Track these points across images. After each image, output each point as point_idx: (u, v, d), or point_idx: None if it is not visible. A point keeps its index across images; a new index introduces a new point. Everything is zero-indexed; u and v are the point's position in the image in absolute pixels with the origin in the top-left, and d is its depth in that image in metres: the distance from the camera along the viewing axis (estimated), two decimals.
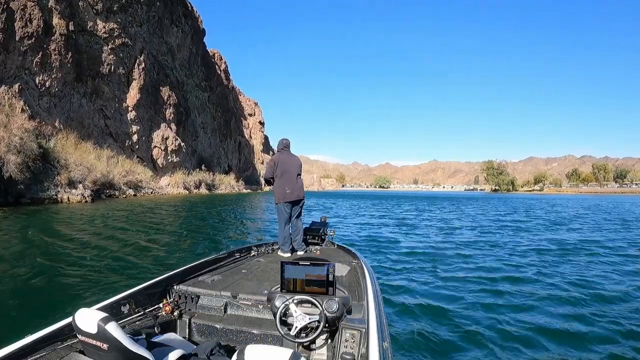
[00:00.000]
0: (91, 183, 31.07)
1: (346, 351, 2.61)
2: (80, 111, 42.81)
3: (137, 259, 9.36)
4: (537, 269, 9.30)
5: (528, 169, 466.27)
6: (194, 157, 69.86)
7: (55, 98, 38.44)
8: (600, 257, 11.09)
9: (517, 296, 6.99)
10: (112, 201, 32.23)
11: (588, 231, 18.05)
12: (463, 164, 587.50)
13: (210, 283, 3.85)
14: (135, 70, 52.22)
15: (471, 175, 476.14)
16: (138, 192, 43.79)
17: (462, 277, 8.35)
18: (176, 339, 3.00)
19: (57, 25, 38.31)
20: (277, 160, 5.89)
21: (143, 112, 53.52)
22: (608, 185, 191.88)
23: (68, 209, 22.99)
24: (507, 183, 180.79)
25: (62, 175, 27.91)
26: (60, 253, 9.88)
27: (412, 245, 12.86)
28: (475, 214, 28.79)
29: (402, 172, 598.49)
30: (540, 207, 39.28)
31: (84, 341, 2.06)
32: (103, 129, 46.97)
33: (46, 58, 36.87)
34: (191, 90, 73.26)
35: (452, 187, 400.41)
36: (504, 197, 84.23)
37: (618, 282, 8.15)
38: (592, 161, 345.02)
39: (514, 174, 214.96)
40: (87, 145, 37.43)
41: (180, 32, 68.23)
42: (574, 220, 23.65)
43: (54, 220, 17.43)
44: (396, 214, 28.08)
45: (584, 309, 6.34)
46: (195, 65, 75.70)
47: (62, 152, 30.58)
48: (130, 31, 51.18)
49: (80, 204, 26.85)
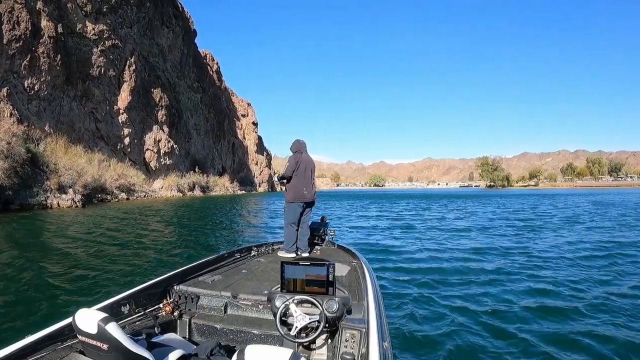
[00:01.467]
0: (82, 187, 30.51)
1: (346, 351, 2.60)
2: (71, 114, 42.29)
3: (128, 265, 9.08)
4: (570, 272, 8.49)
5: (522, 165, 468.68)
6: (187, 159, 69.34)
7: (44, 102, 37.98)
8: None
9: (525, 299, 6.64)
10: (104, 205, 31.77)
11: (614, 230, 16.33)
12: (457, 161, 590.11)
13: (210, 283, 3.85)
14: (126, 72, 51.66)
15: (465, 171, 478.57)
16: (131, 195, 43.27)
17: (465, 278, 8.19)
18: (176, 339, 3.01)
19: (46, 27, 37.88)
20: (299, 159, 5.88)
21: (134, 114, 52.98)
22: (603, 179, 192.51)
23: (58, 214, 22.58)
24: (502, 179, 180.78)
25: (52, 180, 27.41)
26: (52, 257, 9.67)
27: (418, 250, 12.11)
28: (479, 210, 28.44)
29: (397, 170, 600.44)
30: (547, 204, 37.76)
31: (84, 341, 2.06)
32: (94, 132, 46.43)
33: (35, 61, 36.42)
34: (183, 92, 72.66)
35: (447, 184, 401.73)
36: (501, 193, 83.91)
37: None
38: (586, 155, 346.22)
39: (508, 170, 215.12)
40: (78, 149, 36.91)
41: (171, 33, 67.63)
42: (592, 217, 22.31)
43: (44, 225, 17.08)
44: (401, 217, 27.71)
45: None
46: (187, 67, 75.06)
47: (51, 157, 30.08)
48: (120, 33, 50.66)
49: (70, 209, 26.42)
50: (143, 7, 56.86)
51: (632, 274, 8.40)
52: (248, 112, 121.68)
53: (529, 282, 7.85)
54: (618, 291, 7.05)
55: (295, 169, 5.87)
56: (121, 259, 9.62)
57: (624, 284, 7.56)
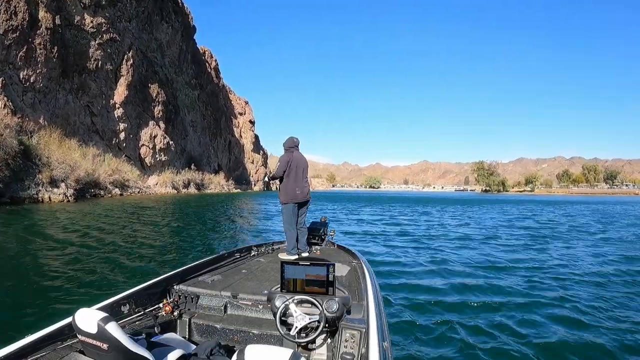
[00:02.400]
0: (74, 182, 30.03)
1: (346, 351, 2.62)
2: (66, 108, 41.86)
3: (113, 266, 8.79)
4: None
5: (518, 170, 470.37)
6: (182, 156, 68.89)
7: (40, 94, 37.59)
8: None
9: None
10: (97, 201, 31.38)
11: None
12: (453, 165, 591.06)
13: (210, 283, 3.86)
14: (124, 66, 51.22)
15: (461, 175, 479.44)
16: (125, 191, 42.81)
17: (468, 280, 8.13)
18: (176, 339, 3.01)
19: (43, 18, 37.48)
20: (291, 158, 5.73)
21: (131, 109, 52.53)
22: (598, 186, 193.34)
23: (49, 208, 22.23)
24: (498, 184, 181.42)
25: (44, 174, 26.95)
26: (39, 254, 9.45)
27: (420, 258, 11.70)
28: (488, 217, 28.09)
29: (393, 173, 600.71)
30: (548, 211, 36.08)
31: (84, 341, 2.06)
32: (89, 126, 45.99)
33: (31, 52, 36.01)
34: (181, 88, 72.16)
35: (443, 187, 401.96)
36: (499, 199, 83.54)
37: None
38: (581, 162, 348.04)
39: (504, 175, 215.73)
40: (72, 143, 36.35)
41: (170, 28, 67.14)
42: (602, 229, 20.28)
43: (36, 220, 16.70)
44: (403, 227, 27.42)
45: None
46: (185, 63, 74.59)
47: (44, 150, 29.60)
48: (118, 26, 50.21)
49: (62, 203, 26.02)
50: (142, 2, 56.37)
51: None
52: (245, 110, 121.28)
53: (526, 280, 7.68)
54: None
55: (286, 169, 5.73)
56: (111, 258, 9.39)
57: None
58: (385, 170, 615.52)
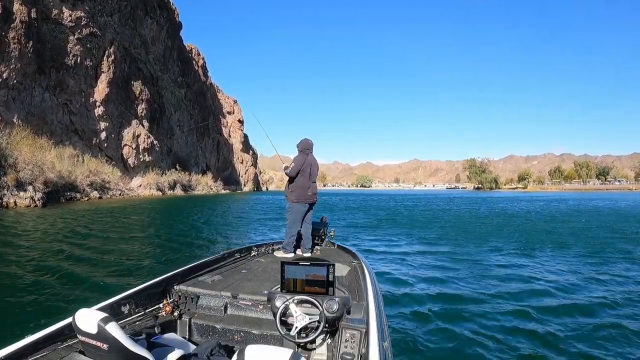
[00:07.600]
0: (42, 184, 27.73)
1: (346, 351, 2.60)
2: (42, 106, 39.98)
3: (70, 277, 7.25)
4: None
5: (508, 167, 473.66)
6: (168, 157, 66.90)
7: (13, 91, 35.89)
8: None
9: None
10: (71, 205, 29.32)
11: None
12: (444, 163, 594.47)
13: (210, 283, 3.82)
14: (104, 62, 49.23)
15: (452, 173, 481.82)
16: (104, 194, 40.73)
17: (468, 280, 8.04)
18: (176, 339, 2.96)
19: (18, 11, 35.89)
20: (305, 160, 5.76)
21: (112, 107, 50.55)
22: (590, 182, 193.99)
23: (14, 214, 20.28)
24: (490, 181, 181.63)
25: (9, 176, 24.81)
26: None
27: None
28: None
29: (384, 171, 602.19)
30: (556, 210, 32.27)
31: (84, 341, 2.05)
32: (68, 125, 44.00)
33: (4, 47, 34.47)
34: (166, 86, 70.06)
35: (434, 185, 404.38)
36: (493, 196, 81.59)
37: None
38: (571, 159, 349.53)
39: (495, 172, 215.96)
40: (43, 141, 34.17)
41: (154, 24, 64.96)
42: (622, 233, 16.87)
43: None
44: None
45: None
46: (170, 60, 72.40)
47: (14, 150, 27.47)
48: (99, 21, 48.30)
49: (29, 208, 23.97)
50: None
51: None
52: (234, 110, 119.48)
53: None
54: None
55: (300, 170, 5.73)
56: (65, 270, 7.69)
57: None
58: (376, 169, 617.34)
